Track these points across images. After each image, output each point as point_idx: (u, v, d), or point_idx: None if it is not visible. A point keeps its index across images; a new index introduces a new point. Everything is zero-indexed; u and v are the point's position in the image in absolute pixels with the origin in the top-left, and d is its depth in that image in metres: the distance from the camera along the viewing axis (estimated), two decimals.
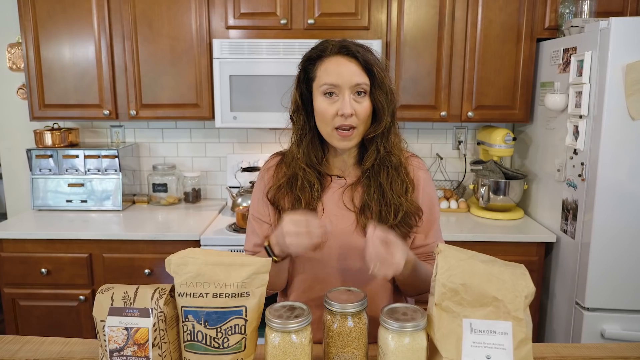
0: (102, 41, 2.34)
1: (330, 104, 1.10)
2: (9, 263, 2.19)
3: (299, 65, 1.16)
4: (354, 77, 1.09)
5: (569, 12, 2.20)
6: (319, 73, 1.11)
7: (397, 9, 2.30)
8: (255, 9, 2.30)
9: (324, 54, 1.12)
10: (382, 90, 1.11)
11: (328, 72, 1.10)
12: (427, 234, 1.21)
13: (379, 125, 1.12)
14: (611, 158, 1.81)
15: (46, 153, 2.52)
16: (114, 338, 0.87)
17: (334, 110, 1.09)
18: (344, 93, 1.09)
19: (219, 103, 2.30)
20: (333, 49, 1.11)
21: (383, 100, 1.11)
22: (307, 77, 1.15)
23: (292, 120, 1.19)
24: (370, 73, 1.10)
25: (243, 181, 2.63)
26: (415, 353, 0.85)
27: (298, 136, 1.17)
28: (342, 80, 1.08)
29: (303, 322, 0.85)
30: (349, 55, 1.10)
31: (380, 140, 1.14)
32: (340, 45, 1.11)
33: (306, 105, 1.16)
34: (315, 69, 1.12)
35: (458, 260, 0.89)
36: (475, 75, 2.34)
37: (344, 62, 1.09)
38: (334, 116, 1.09)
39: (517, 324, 0.84)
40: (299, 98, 1.15)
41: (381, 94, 1.11)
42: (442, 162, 2.77)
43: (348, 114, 1.08)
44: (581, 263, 1.93)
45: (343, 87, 1.09)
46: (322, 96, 1.11)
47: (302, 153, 1.16)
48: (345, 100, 1.08)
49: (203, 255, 0.89)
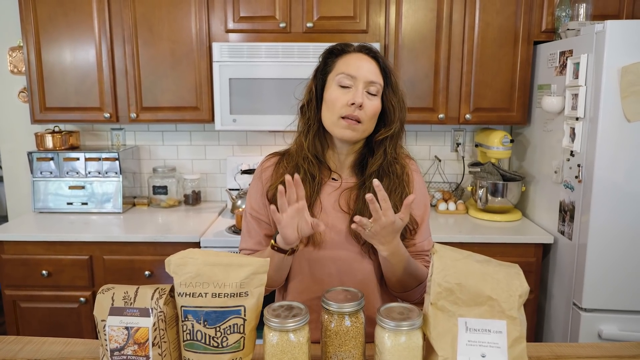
0: (103, 44, 2.36)
1: (342, 94, 1.13)
2: (9, 265, 2.20)
3: (320, 57, 1.21)
4: (371, 74, 1.13)
5: (566, 15, 2.22)
6: (338, 64, 1.16)
7: (395, 12, 2.32)
8: (254, 12, 2.31)
9: (347, 49, 1.18)
10: (395, 94, 1.16)
11: (348, 64, 1.14)
12: (416, 233, 1.22)
13: (389, 127, 1.16)
14: (607, 160, 1.82)
15: (47, 156, 2.53)
16: (115, 337, 0.88)
17: (345, 100, 1.12)
18: (358, 86, 1.12)
19: (219, 106, 2.32)
20: (356, 48, 1.18)
21: (395, 104, 1.16)
22: (325, 69, 1.19)
23: (301, 112, 1.21)
24: (387, 76, 1.15)
25: (242, 183, 2.65)
26: (412, 352, 0.86)
27: (307, 126, 1.19)
28: (359, 73, 1.13)
29: (301, 321, 0.86)
30: (370, 55, 1.16)
31: (389, 143, 1.17)
32: (364, 46, 1.18)
33: (318, 97, 1.19)
34: (335, 61, 1.17)
35: (453, 260, 0.90)
36: (473, 78, 2.36)
37: (364, 59, 1.15)
38: (344, 105, 1.12)
39: (512, 322, 0.85)
40: (314, 88, 1.19)
41: (394, 98, 1.16)
42: (440, 164, 2.78)
43: (359, 103, 1.11)
44: (578, 264, 1.95)
45: (358, 81, 1.13)
46: (336, 85, 1.14)
47: (309, 141, 1.18)
48: (358, 91, 1.12)
49: (202, 255, 0.90)
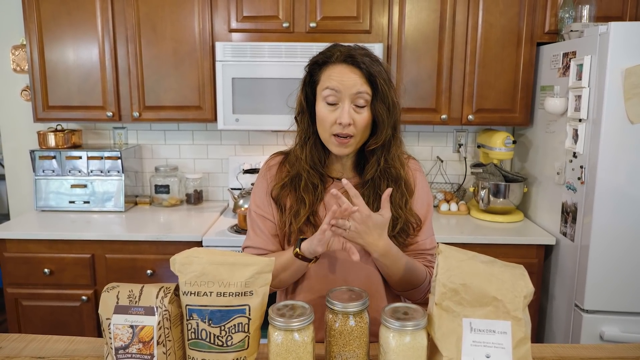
0: (106, 43, 2.36)
1: (330, 112, 1.11)
2: (12, 263, 2.21)
3: (305, 68, 1.18)
4: (355, 86, 1.09)
5: (569, 16, 2.22)
6: (323, 77, 1.13)
7: (398, 12, 2.32)
8: (257, 12, 2.31)
9: (329, 60, 1.12)
10: (383, 103, 1.11)
11: (331, 78, 1.11)
12: (420, 230, 1.22)
13: (379, 137, 1.13)
14: (610, 161, 1.82)
15: (49, 154, 2.54)
16: (120, 336, 0.88)
17: (333, 118, 1.10)
18: (344, 101, 1.10)
19: (222, 105, 2.32)
20: (339, 57, 1.11)
21: (384, 113, 1.11)
22: (312, 80, 1.17)
23: (296, 122, 1.21)
24: (374, 85, 1.10)
25: (245, 183, 2.65)
26: (416, 352, 0.86)
27: (302, 138, 1.19)
28: (343, 87, 1.09)
29: (305, 320, 0.86)
30: (354, 65, 1.10)
31: (381, 152, 1.15)
32: (347, 54, 1.11)
33: (310, 108, 1.17)
34: (320, 73, 1.14)
35: (458, 260, 0.90)
36: (476, 79, 2.36)
37: (346, 72, 1.10)
38: (333, 123, 1.11)
39: (516, 323, 0.85)
40: (304, 100, 1.18)
41: (382, 107, 1.11)
42: (442, 164, 2.78)
43: (345, 124, 1.09)
44: (580, 265, 1.94)
45: (344, 95, 1.09)
46: (324, 102, 1.12)
47: (305, 155, 1.18)
48: (344, 109, 1.09)
49: (207, 254, 0.90)
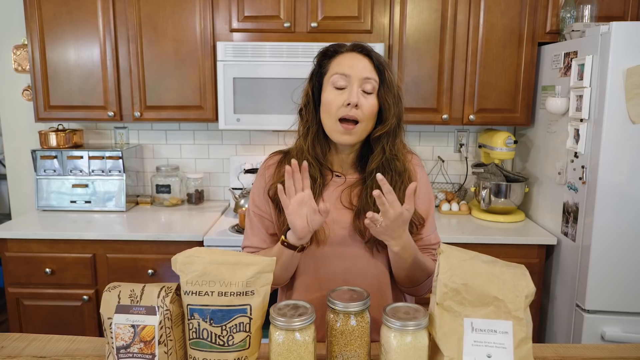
0: (107, 43, 2.36)
1: (338, 95, 1.14)
2: (13, 263, 2.21)
3: (314, 59, 1.22)
4: (365, 71, 1.13)
5: (570, 16, 2.21)
6: (332, 65, 1.16)
7: (399, 12, 2.32)
8: (259, 12, 2.32)
9: (340, 50, 1.18)
10: (390, 91, 1.15)
11: (341, 64, 1.15)
12: (423, 227, 1.22)
13: (385, 124, 1.15)
14: (612, 161, 1.82)
15: (51, 154, 2.54)
16: (121, 335, 0.88)
17: (341, 101, 1.12)
18: (352, 84, 1.13)
19: (223, 105, 2.32)
20: (349, 47, 1.18)
21: (390, 101, 1.15)
22: (320, 71, 1.19)
23: (300, 115, 1.22)
24: (381, 73, 1.15)
25: (246, 183, 2.65)
26: (417, 352, 0.86)
27: (306, 128, 1.20)
28: (353, 71, 1.13)
29: (307, 320, 0.86)
30: (363, 52, 1.16)
31: (386, 140, 1.16)
32: (357, 44, 1.18)
33: (316, 99, 1.20)
34: (329, 63, 1.17)
35: (460, 260, 0.90)
36: (477, 79, 2.35)
37: (357, 57, 1.15)
38: (340, 107, 1.12)
39: (518, 323, 0.85)
40: (311, 91, 1.20)
41: (389, 95, 1.15)
42: (443, 164, 2.78)
43: (354, 103, 1.11)
44: (581, 265, 1.94)
45: (353, 79, 1.13)
46: (331, 87, 1.15)
47: (308, 145, 1.19)
48: (353, 90, 1.12)
49: (208, 254, 0.90)
